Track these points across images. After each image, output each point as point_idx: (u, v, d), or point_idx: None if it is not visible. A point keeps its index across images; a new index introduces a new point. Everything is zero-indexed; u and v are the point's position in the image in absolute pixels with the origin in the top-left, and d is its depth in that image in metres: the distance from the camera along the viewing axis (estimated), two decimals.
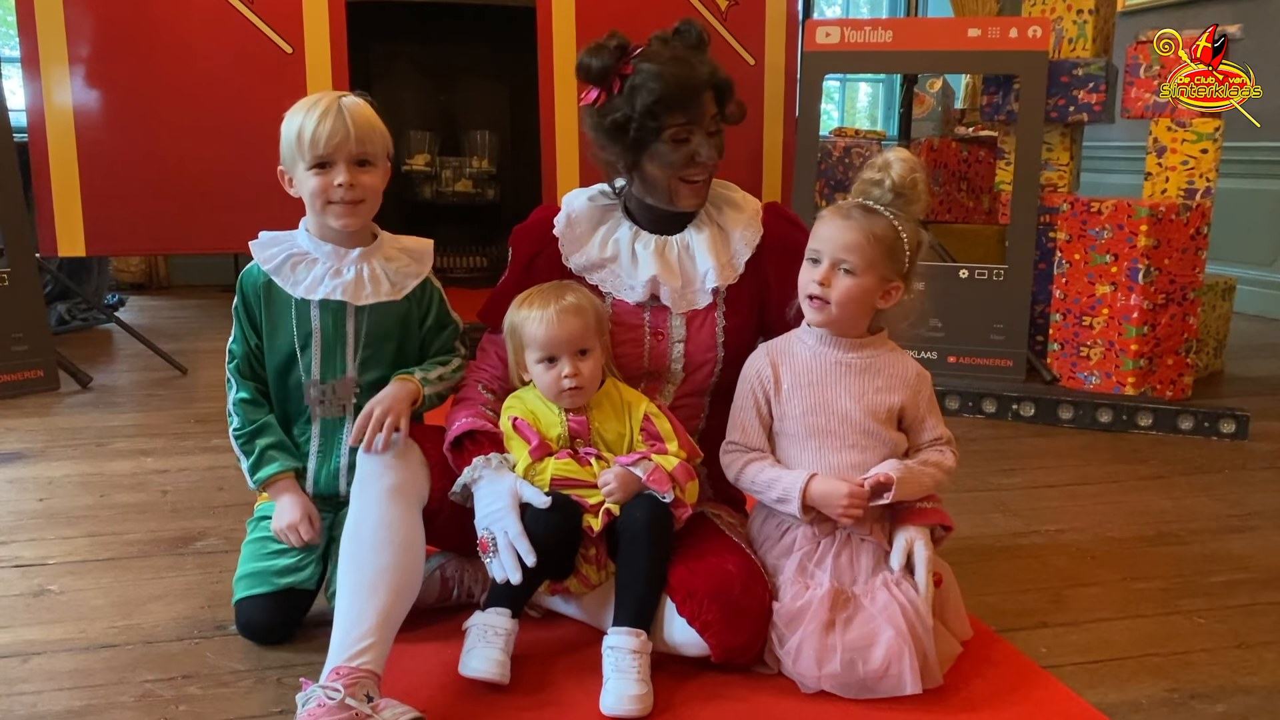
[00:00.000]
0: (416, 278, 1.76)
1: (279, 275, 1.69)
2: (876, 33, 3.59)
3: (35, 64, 3.43)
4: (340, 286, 1.68)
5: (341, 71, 3.67)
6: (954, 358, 3.54)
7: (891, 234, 1.59)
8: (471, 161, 5.44)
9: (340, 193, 1.63)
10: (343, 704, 1.34)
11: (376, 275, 1.71)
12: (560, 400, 1.65)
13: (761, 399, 1.68)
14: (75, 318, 4.20)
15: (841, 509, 1.56)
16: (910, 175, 1.60)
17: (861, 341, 1.66)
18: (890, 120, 7.24)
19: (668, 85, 1.63)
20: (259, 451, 1.72)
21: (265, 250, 1.71)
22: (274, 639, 1.68)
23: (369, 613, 1.46)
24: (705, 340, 1.76)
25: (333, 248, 1.70)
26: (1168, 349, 3.31)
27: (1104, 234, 3.29)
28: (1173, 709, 1.56)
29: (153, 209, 3.58)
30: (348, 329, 1.72)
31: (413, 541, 1.56)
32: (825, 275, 1.59)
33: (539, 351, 1.64)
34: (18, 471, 2.54)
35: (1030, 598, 1.93)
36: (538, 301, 1.65)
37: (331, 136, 1.61)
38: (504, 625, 1.55)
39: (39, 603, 1.84)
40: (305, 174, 1.64)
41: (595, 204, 1.80)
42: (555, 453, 1.63)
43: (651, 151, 1.67)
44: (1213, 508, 2.44)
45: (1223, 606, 1.91)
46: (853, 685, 1.51)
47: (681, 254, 1.76)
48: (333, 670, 1.40)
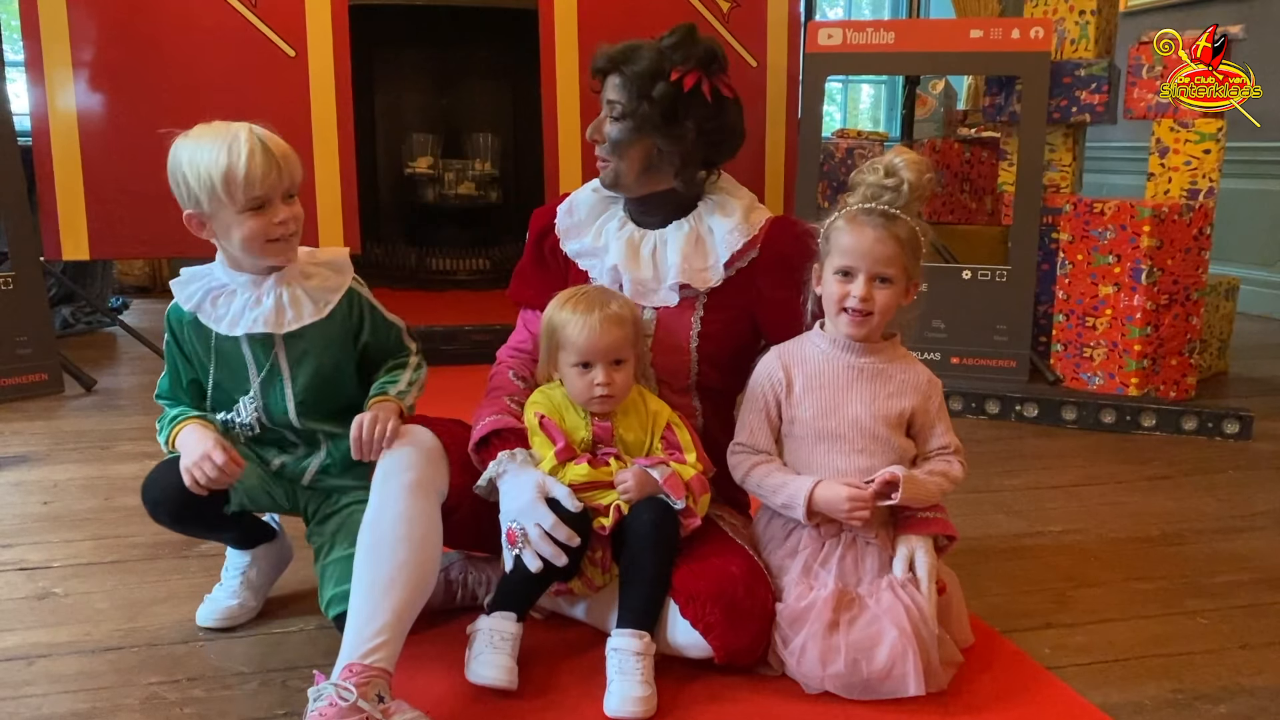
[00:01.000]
0: (339, 290, 1.67)
1: (201, 312, 1.63)
2: (878, 34, 3.59)
3: (39, 68, 3.44)
4: (260, 317, 1.61)
5: (344, 75, 3.67)
6: (957, 359, 3.54)
7: (914, 236, 1.60)
8: (474, 164, 5.44)
9: (280, 230, 1.57)
10: (355, 706, 1.34)
11: (297, 298, 1.63)
12: (589, 406, 1.65)
13: (772, 402, 1.68)
14: (79, 321, 4.21)
15: (845, 512, 1.56)
16: (921, 177, 1.60)
17: (875, 346, 1.66)
18: (892, 121, 7.24)
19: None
20: (170, 416, 1.66)
21: (185, 288, 1.65)
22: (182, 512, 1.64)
23: (384, 609, 1.45)
24: (675, 340, 1.75)
25: (249, 277, 1.63)
26: (1171, 349, 3.31)
27: (1107, 235, 3.29)
28: (1176, 710, 1.56)
29: (156, 212, 3.56)
30: (279, 358, 1.67)
31: (430, 538, 1.56)
32: (867, 290, 1.59)
33: (575, 356, 1.63)
34: (22, 474, 2.55)
35: (1034, 598, 1.93)
36: (582, 305, 1.63)
37: (265, 176, 1.53)
38: (510, 630, 1.55)
39: (44, 605, 1.84)
40: (237, 218, 1.55)
41: (600, 194, 1.82)
42: (577, 458, 1.63)
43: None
44: (1216, 508, 2.44)
45: (1226, 607, 1.91)
46: (856, 686, 1.51)
47: (657, 248, 1.76)
48: (346, 667, 1.40)
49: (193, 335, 1.68)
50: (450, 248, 5.39)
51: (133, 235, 3.61)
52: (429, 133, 5.46)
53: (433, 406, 1.76)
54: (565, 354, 1.64)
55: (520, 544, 1.55)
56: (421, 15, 5.12)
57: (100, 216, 3.55)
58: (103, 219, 3.56)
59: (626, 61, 1.70)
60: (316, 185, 3.64)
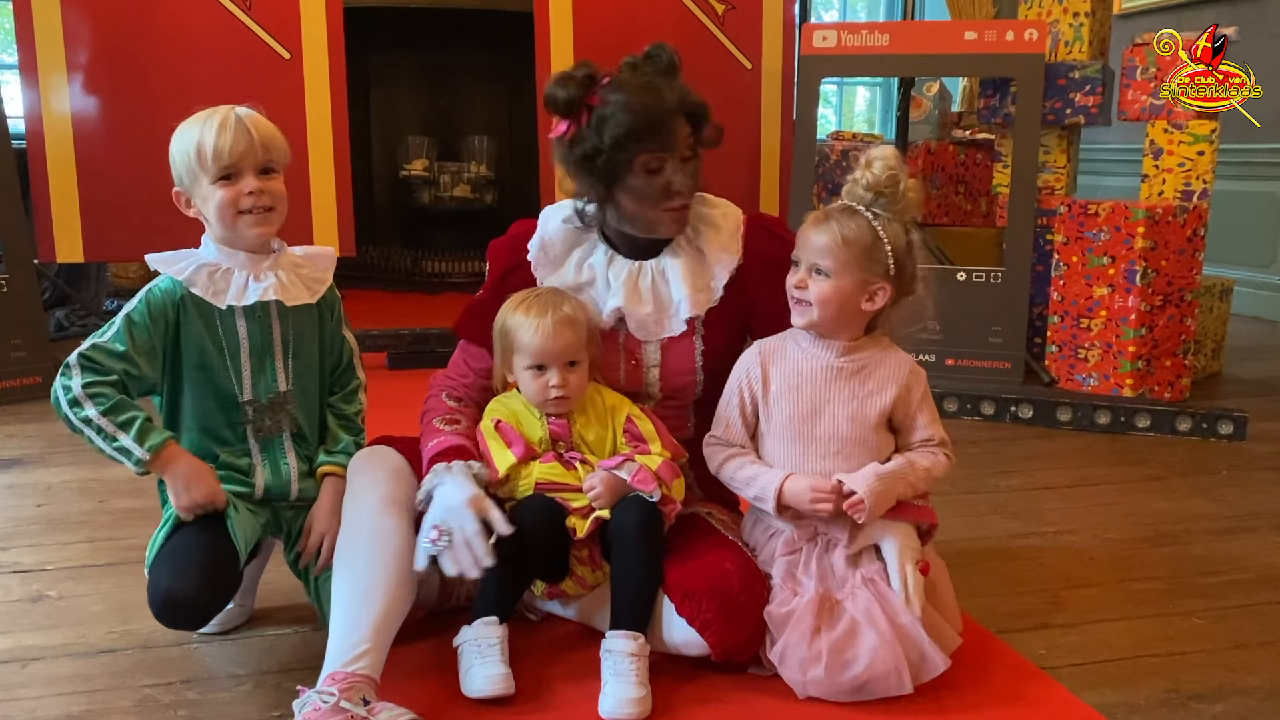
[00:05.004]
0: (325, 282, 1.72)
1: (196, 286, 1.61)
2: (873, 36, 3.59)
3: (33, 71, 3.44)
4: (270, 289, 1.63)
5: (339, 77, 3.67)
6: (952, 360, 3.54)
7: (868, 236, 1.57)
8: (470, 167, 5.44)
9: (250, 200, 1.59)
10: (337, 707, 1.34)
11: (294, 280, 1.67)
12: (545, 408, 1.65)
13: (748, 399, 1.67)
14: (74, 324, 4.20)
15: (809, 503, 1.56)
16: (887, 173, 1.57)
17: (855, 345, 1.64)
18: (888, 123, 7.25)
19: (636, 115, 1.59)
20: (139, 422, 1.55)
21: (172, 265, 1.63)
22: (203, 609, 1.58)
23: (364, 620, 1.46)
24: (683, 365, 1.74)
25: (247, 256, 1.64)
26: (1165, 351, 3.31)
27: (1101, 236, 3.30)
28: (1171, 710, 1.56)
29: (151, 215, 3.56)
30: (274, 336, 1.67)
31: (404, 551, 1.55)
32: (801, 279, 1.60)
33: (529, 359, 1.63)
34: (16, 477, 2.54)
35: (1029, 599, 1.93)
36: (534, 309, 1.64)
37: (235, 145, 1.57)
38: (494, 634, 1.54)
39: (38, 608, 1.84)
40: (210, 188, 1.58)
41: (570, 225, 1.75)
42: (539, 456, 1.63)
43: (624, 184, 1.64)
44: (1211, 509, 2.45)
45: (1221, 607, 1.91)
46: (840, 690, 1.50)
47: (656, 280, 1.72)
48: (329, 676, 1.40)
49: (186, 318, 1.63)
50: (445, 250, 5.39)
51: (127, 238, 3.60)
52: (424, 135, 5.47)
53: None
54: (519, 357, 1.64)
55: (442, 544, 1.52)
56: (417, 17, 5.12)
57: (94, 219, 3.54)
58: (97, 221, 3.55)
59: (685, 101, 1.65)
60: (311, 188, 3.64)
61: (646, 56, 1.67)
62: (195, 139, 1.58)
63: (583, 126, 1.62)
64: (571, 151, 1.65)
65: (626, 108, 1.59)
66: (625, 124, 1.59)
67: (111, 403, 1.54)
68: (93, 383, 1.55)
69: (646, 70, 1.66)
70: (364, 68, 5.39)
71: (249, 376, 1.66)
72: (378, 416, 1.83)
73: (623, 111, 1.59)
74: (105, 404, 1.54)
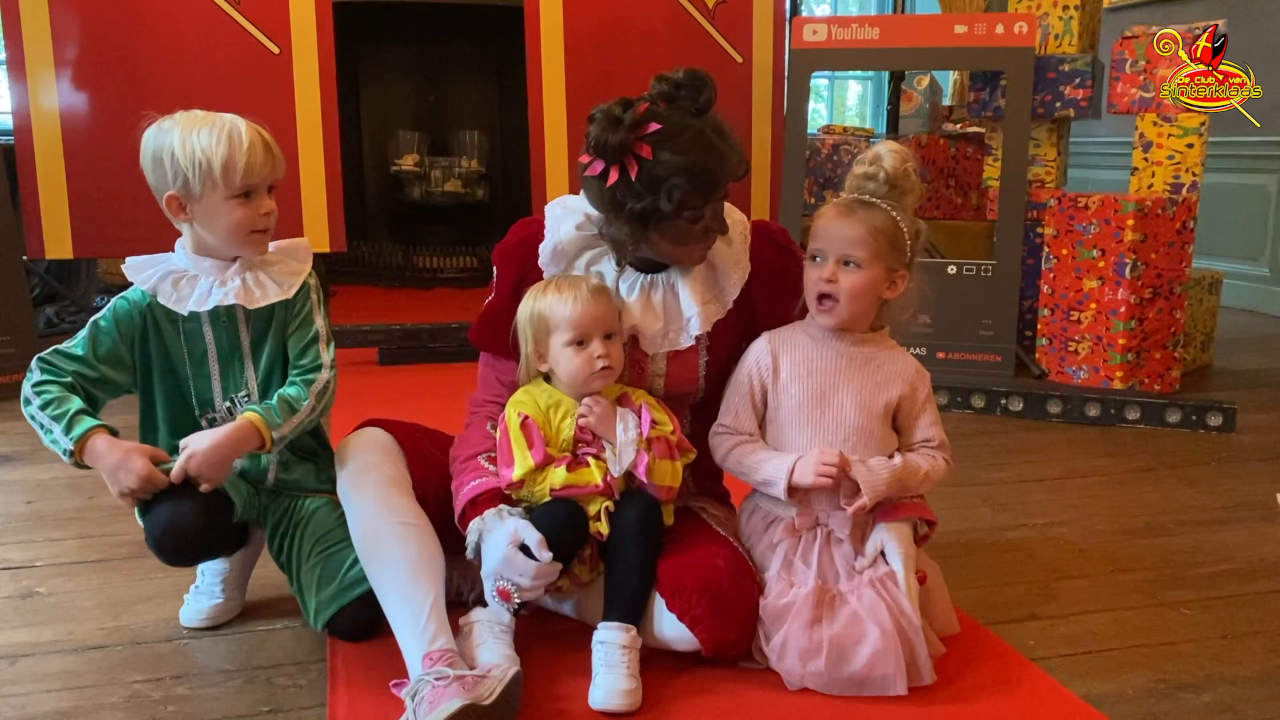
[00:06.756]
0: (301, 274, 1.70)
1: (160, 294, 1.61)
2: (864, 30, 3.59)
3: (21, 67, 3.42)
4: (231, 293, 1.61)
5: (329, 72, 3.66)
6: (943, 353, 3.55)
7: (892, 225, 1.60)
8: (460, 161, 5.44)
9: (265, 221, 1.60)
10: (458, 676, 1.38)
11: (261, 281, 1.65)
12: (591, 384, 1.62)
13: (757, 387, 1.68)
14: (64, 321, 4.19)
15: (814, 474, 1.56)
16: (902, 165, 1.60)
17: (864, 337, 1.66)
18: (878, 117, 7.26)
19: (696, 180, 1.53)
20: (70, 414, 1.56)
21: (140, 272, 1.63)
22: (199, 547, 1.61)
23: (422, 601, 1.49)
24: (686, 374, 1.74)
25: (212, 262, 1.63)
26: (1155, 343, 3.33)
27: (1091, 229, 3.30)
28: (1159, 699, 1.57)
29: (140, 211, 3.55)
30: (241, 340, 1.67)
31: (421, 521, 1.59)
32: (832, 271, 1.60)
33: (570, 333, 1.60)
34: (5, 474, 2.54)
35: (1018, 591, 1.94)
36: (565, 286, 1.63)
37: (262, 165, 1.57)
38: (506, 620, 1.56)
39: (27, 605, 1.84)
40: (225, 204, 1.57)
41: (583, 233, 1.70)
42: (556, 461, 1.61)
43: (662, 228, 1.59)
44: (1199, 500, 2.46)
45: (1209, 597, 1.92)
46: (837, 684, 1.51)
47: (666, 294, 1.70)
48: (424, 658, 1.43)
49: (154, 326, 1.64)
50: (437, 245, 5.39)
51: (117, 234, 3.58)
52: (415, 130, 5.46)
53: (420, 404, 1.77)
54: (557, 335, 1.62)
55: (516, 602, 1.55)
56: (407, 12, 5.11)
57: (84, 215, 3.53)
58: (86, 218, 3.53)
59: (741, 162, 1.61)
60: (301, 183, 3.62)
61: (679, 86, 1.56)
62: (221, 150, 1.55)
63: (631, 179, 1.54)
64: (613, 197, 1.57)
65: (686, 172, 1.53)
66: (683, 188, 1.53)
67: (52, 398, 1.58)
68: (42, 382, 1.60)
69: (687, 108, 1.56)
70: (354, 63, 5.38)
71: (218, 381, 1.67)
72: (369, 412, 1.82)
73: (680, 175, 1.53)
74: (46, 398, 1.58)
